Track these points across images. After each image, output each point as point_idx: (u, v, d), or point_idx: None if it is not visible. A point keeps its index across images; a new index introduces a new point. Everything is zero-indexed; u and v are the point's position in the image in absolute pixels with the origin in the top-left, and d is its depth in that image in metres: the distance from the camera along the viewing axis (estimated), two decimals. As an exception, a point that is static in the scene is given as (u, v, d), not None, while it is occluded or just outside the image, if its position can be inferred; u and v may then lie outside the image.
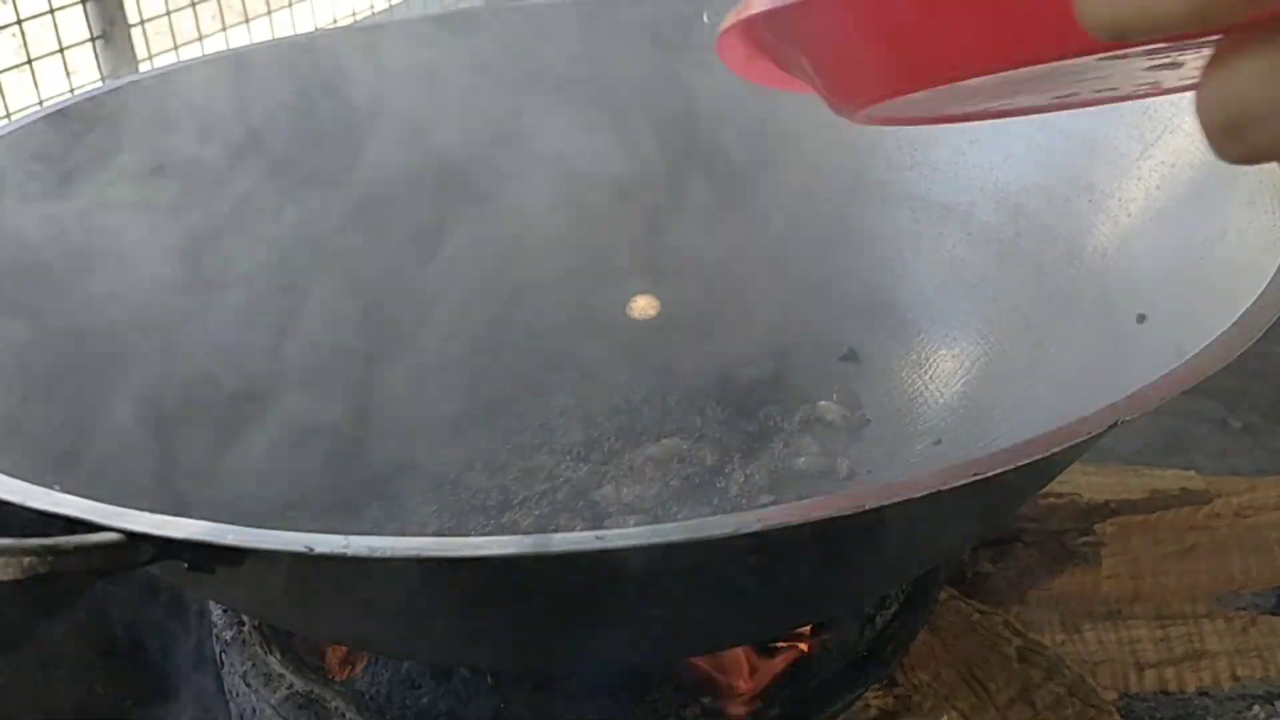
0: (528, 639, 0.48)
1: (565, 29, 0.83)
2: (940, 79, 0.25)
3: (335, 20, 1.37)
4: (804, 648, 0.60)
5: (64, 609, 0.76)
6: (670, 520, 0.67)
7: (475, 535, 0.66)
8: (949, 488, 0.36)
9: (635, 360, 0.80)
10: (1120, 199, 0.64)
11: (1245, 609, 0.78)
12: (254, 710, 0.61)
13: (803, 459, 0.72)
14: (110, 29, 1.06)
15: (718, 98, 0.77)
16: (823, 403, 0.75)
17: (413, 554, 0.36)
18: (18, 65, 1.00)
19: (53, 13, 1.02)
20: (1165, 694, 0.73)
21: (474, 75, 0.80)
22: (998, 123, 0.51)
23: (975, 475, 0.37)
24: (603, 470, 0.72)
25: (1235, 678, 0.73)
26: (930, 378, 0.73)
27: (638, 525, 0.64)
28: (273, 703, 0.60)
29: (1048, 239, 0.68)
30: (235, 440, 0.67)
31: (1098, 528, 0.79)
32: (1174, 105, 0.62)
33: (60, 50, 1.03)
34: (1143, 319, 0.57)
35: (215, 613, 0.66)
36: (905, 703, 0.62)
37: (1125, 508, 0.80)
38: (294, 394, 0.71)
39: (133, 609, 0.76)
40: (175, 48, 1.15)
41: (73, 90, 0.99)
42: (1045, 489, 0.70)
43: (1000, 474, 0.37)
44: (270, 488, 0.65)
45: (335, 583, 0.43)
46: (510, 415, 0.77)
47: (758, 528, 0.35)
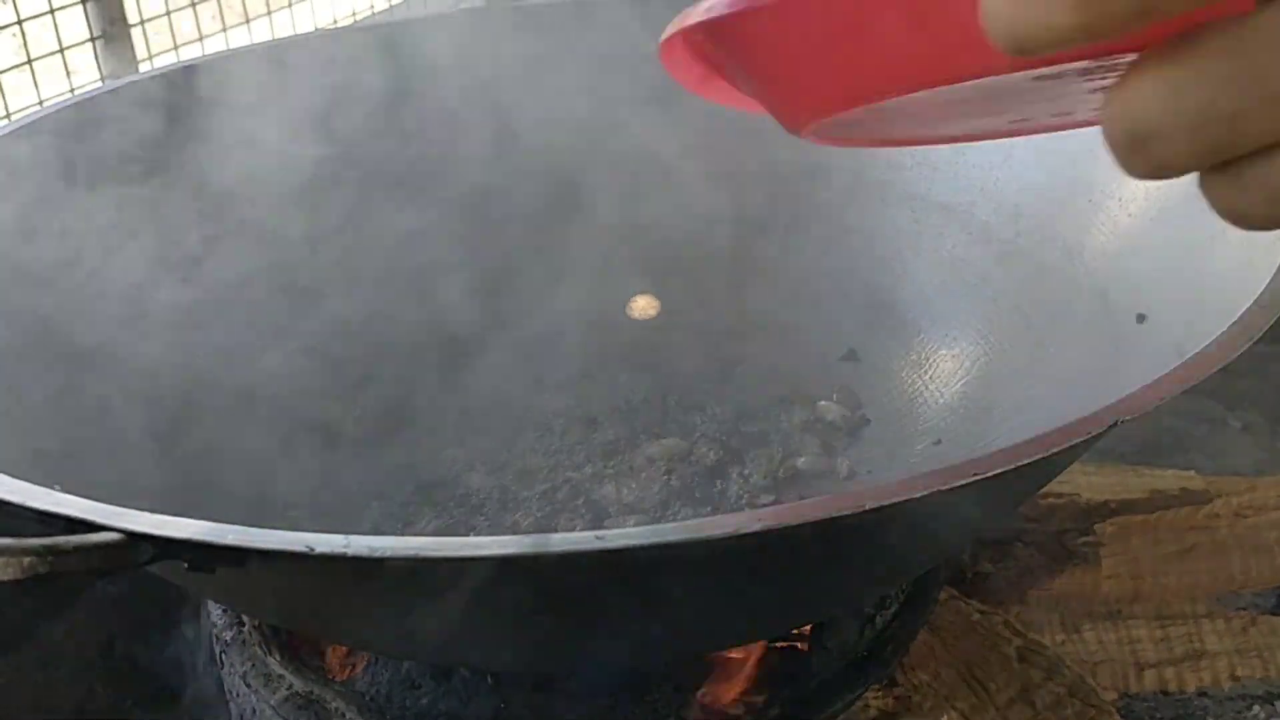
0: (528, 639, 0.48)
1: (562, 24, 0.83)
2: (873, 95, 0.26)
3: (335, 20, 1.36)
4: (804, 648, 0.60)
5: (64, 609, 0.76)
6: (670, 520, 0.67)
7: (475, 535, 0.66)
8: (949, 488, 0.36)
9: (635, 360, 0.80)
10: (1120, 199, 0.64)
11: (1245, 609, 0.78)
12: (254, 710, 0.61)
13: (803, 459, 0.72)
14: (110, 29, 1.06)
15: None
16: (823, 403, 0.75)
17: (413, 554, 0.36)
18: (18, 65, 1.00)
19: (53, 13, 1.02)
20: (1165, 694, 0.73)
21: (473, 75, 0.80)
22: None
23: (975, 475, 0.37)
24: (603, 470, 0.72)
25: (1235, 678, 0.73)
26: (930, 378, 0.73)
27: (638, 525, 0.65)
28: (273, 703, 0.60)
29: (1048, 239, 0.68)
30: (235, 440, 0.67)
31: (1098, 528, 0.79)
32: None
33: (60, 50, 1.03)
34: (1143, 319, 0.57)
35: (215, 613, 0.66)
36: (905, 703, 0.62)
37: (1125, 508, 0.80)
38: (294, 394, 0.71)
39: (133, 609, 0.76)
40: (175, 48, 1.15)
41: (73, 90, 0.99)
42: (1045, 489, 0.69)
43: (1000, 474, 0.37)
44: (270, 488, 0.65)
45: (335, 583, 0.43)
46: (510, 415, 0.77)
47: (758, 528, 0.35)
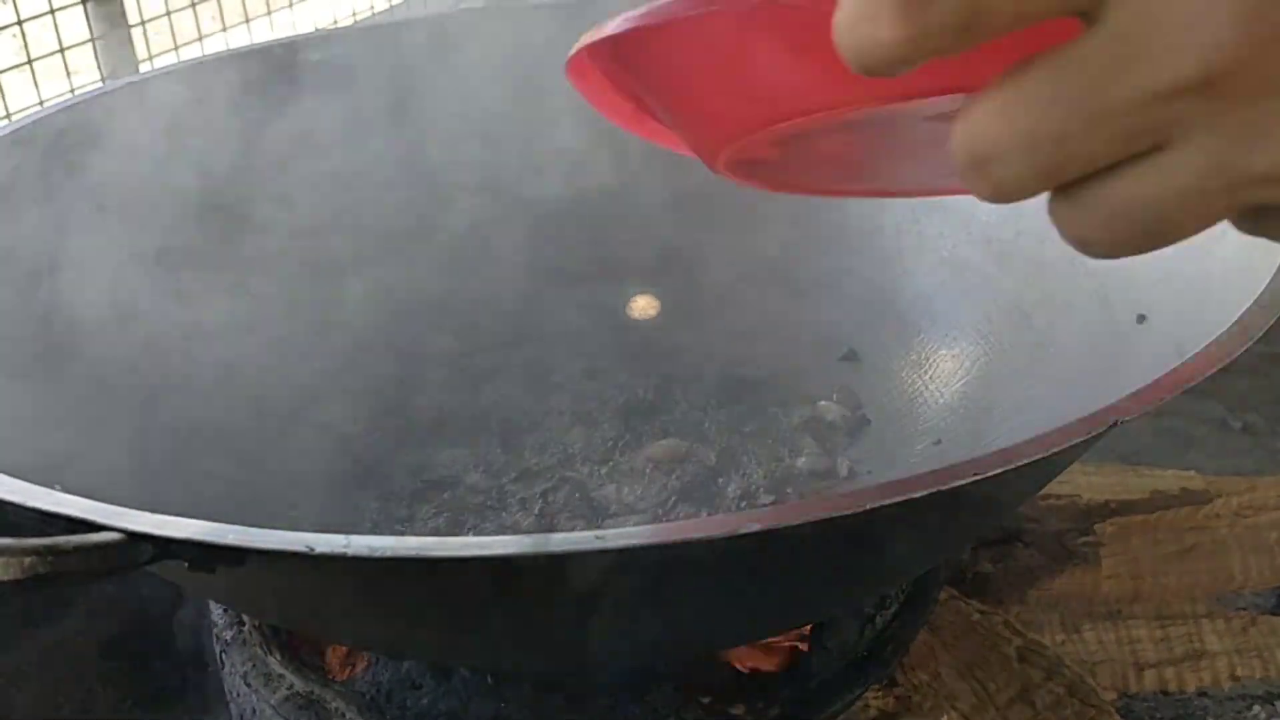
0: (528, 639, 0.48)
1: (562, 24, 0.83)
2: (765, 120, 0.26)
3: (336, 20, 1.37)
4: (804, 648, 0.60)
5: (64, 609, 0.76)
6: (670, 520, 0.67)
7: (475, 535, 0.66)
8: (949, 488, 0.36)
9: (635, 360, 0.80)
10: (1120, 199, 0.64)
11: (1245, 609, 0.78)
12: (254, 710, 0.61)
13: (803, 459, 0.72)
14: (110, 29, 1.06)
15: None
16: (823, 403, 0.75)
17: (413, 554, 0.36)
18: (18, 65, 1.00)
19: (53, 13, 1.02)
20: (1165, 694, 0.73)
21: (469, 75, 0.80)
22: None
23: (975, 475, 0.37)
24: (603, 470, 0.72)
25: (1235, 678, 0.73)
26: (930, 378, 0.73)
27: (638, 525, 0.65)
28: (273, 703, 0.60)
29: (1048, 239, 0.68)
30: (236, 440, 0.67)
31: (1098, 528, 0.79)
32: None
33: (60, 50, 1.03)
34: (1143, 319, 0.57)
35: (215, 613, 0.66)
36: (905, 703, 0.62)
37: (1125, 508, 0.80)
38: (294, 395, 0.71)
39: (133, 609, 0.76)
40: (175, 48, 1.15)
41: (73, 90, 0.99)
42: (1045, 489, 0.69)
43: (1000, 474, 0.37)
44: (270, 488, 0.65)
45: (335, 583, 0.43)
46: (510, 415, 0.77)
47: (758, 528, 0.35)
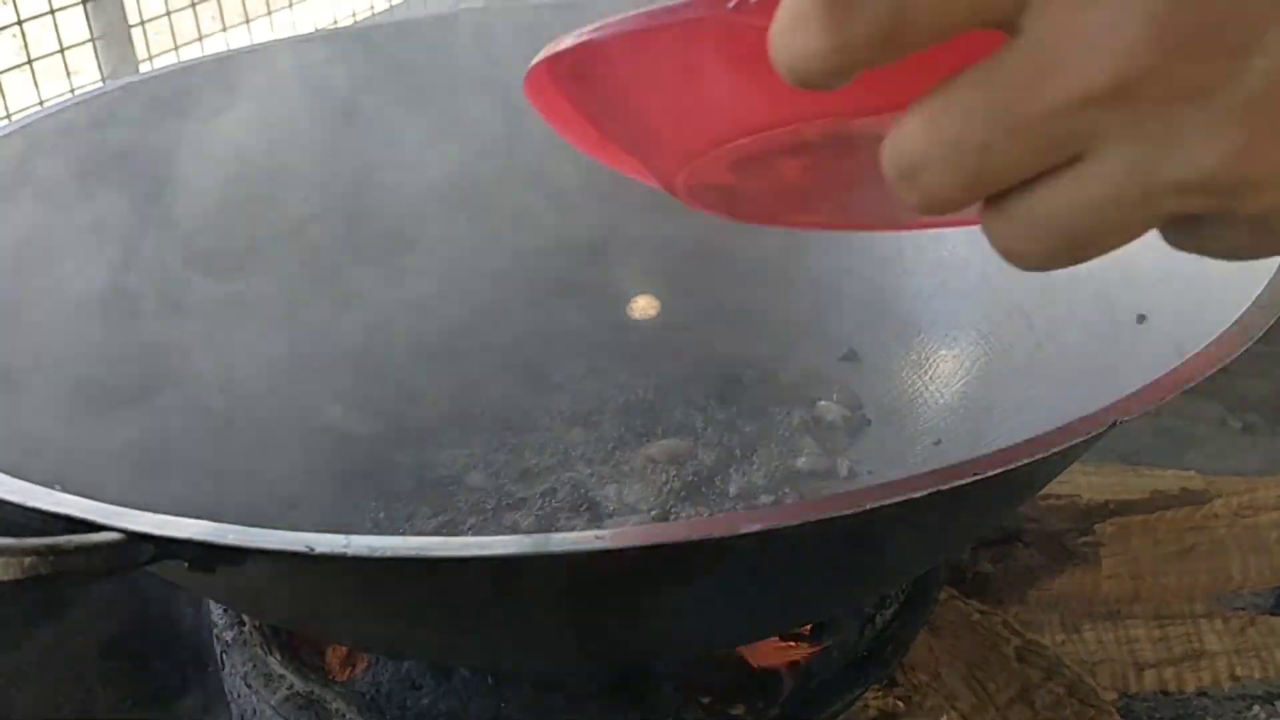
0: (528, 639, 0.48)
1: (562, 24, 0.82)
2: (716, 138, 0.27)
3: (335, 21, 1.37)
4: (804, 648, 0.60)
5: (64, 609, 0.76)
6: (670, 520, 0.67)
7: (475, 535, 0.66)
8: (949, 488, 0.36)
9: (635, 360, 0.80)
10: (1120, 199, 0.64)
11: (1244, 609, 0.78)
12: (254, 711, 0.61)
13: (803, 459, 0.72)
14: (110, 30, 1.07)
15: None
16: (823, 403, 0.75)
17: (413, 554, 0.36)
18: (18, 65, 1.00)
19: (53, 13, 1.02)
20: (1165, 694, 0.73)
21: (468, 76, 0.80)
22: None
23: (975, 475, 0.37)
24: (603, 470, 0.72)
25: (1234, 678, 0.73)
26: (930, 378, 0.73)
27: (638, 525, 0.65)
28: (273, 703, 0.60)
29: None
30: (236, 440, 0.67)
31: (1098, 528, 0.79)
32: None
33: (61, 50, 1.03)
34: (1143, 319, 0.57)
35: (215, 613, 0.66)
36: (905, 703, 0.62)
37: (1125, 508, 0.80)
38: (294, 394, 0.71)
39: (133, 609, 0.76)
40: (175, 48, 1.15)
41: (73, 90, 0.99)
42: (1045, 489, 0.69)
43: (1000, 474, 0.37)
44: (270, 488, 0.65)
45: (335, 583, 0.43)
46: (510, 415, 0.77)
47: (758, 528, 0.35)
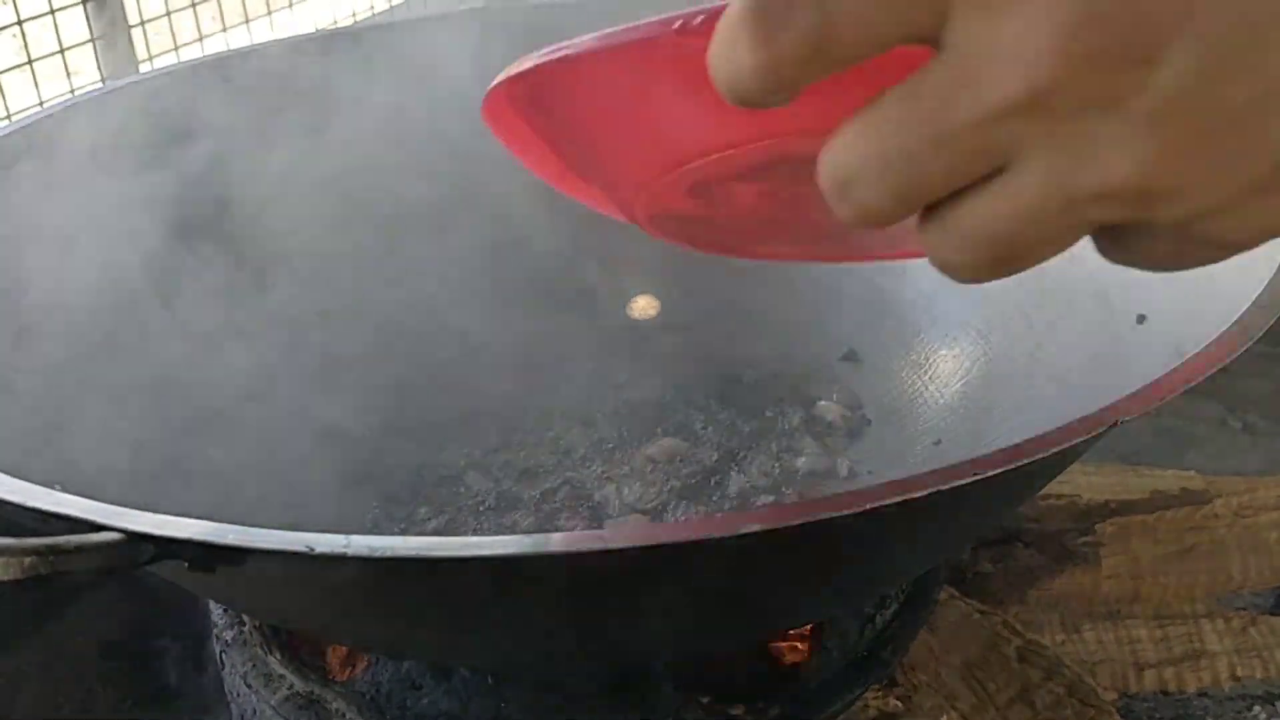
0: (528, 639, 0.48)
1: (563, 25, 0.82)
2: (668, 161, 0.27)
3: (335, 21, 1.37)
4: (804, 648, 0.60)
5: (64, 609, 0.76)
6: (670, 520, 0.67)
7: (475, 535, 0.66)
8: (949, 488, 0.36)
9: (635, 360, 0.80)
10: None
11: (1244, 609, 0.78)
12: (254, 711, 0.61)
13: (803, 459, 0.72)
14: (110, 30, 1.06)
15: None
16: (823, 403, 0.75)
17: (413, 554, 0.36)
18: (18, 65, 1.00)
19: (53, 13, 1.02)
20: (1165, 694, 0.73)
21: (467, 75, 0.80)
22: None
23: (975, 475, 0.37)
24: (603, 470, 0.72)
25: (1235, 678, 0.73)
26: (930, 378, 0.73)
27: (638, 525, 0.65)
28: (273, 703, 0.60)
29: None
30: (236, 441, 0.67)
31: (1098, 528, 0.79)
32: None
33: (61, 51, 1.03)
34: (1143, 319, 0.57)
35: (215, 613, 0.66)
36: (905, 703, 0.62)
37: (1125, 508, 0.80)
38: (294, 395, 0.71)
39: (133, 609, 0.76)
40: (175, 48, 1.15)
41: (73, 91, 0.99)
42: (1045, 489, 0.69)
43: (1000, 474, 0.37)
44: (270, 488, 0.65)
45: (335, 583, 0.43)
46: (510, 415, 0.77)
47: (758, 528, 0.35)
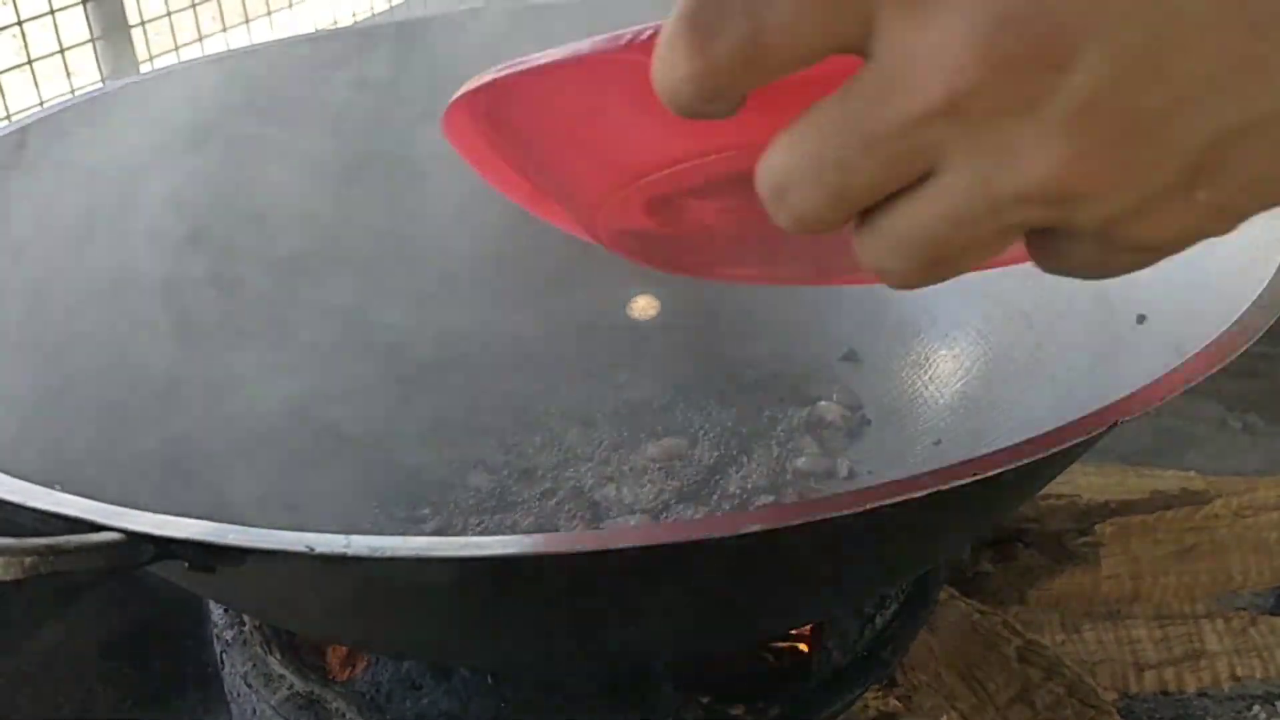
0: (528, 639, 0.48)
1: (563, 25, 0.82)
2: (624, 175, 0.28)
3: (335, 21, 1.37)
4: (804, 648, 0.60)
5: (64, 609, 0.76)
6: (670, 520, 0.67)
7: (475, 535, 0.66)
8: (949, 488, 0.36)
9: (635, 360, 0.80)
10: (1120, 199, 0.64)
11: (1245, 609, 0.78)
12: (254, 711, 0.61)
13: (803, 459, 0.72)
14: (110, 30, 1.07)
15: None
16: (823, 403, 0.75)
17: (413, 554, 0.36)
18: (18, 65, 1.00)
19: (53, 13, 1.02)
20: (1165, 694, 0.73)
21: (467, 75, 0.80)
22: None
23: (975, 475, 0.37)
24: (603, 470, 0.72)
25: (1235, 678, 0.73)
26: (930, 378, 0.73)
27: (638, 525, 0.65)
28: (273, 703, 0.60)
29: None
30: (236, 441, 0.67)
31: (1098, 528, 0.79)
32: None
33: (61, 51, 1.03)
34: (1143, 319, 0.57)
35: (215, 613, 0.66)
36: (905, 703, 0.62)
37: (1125, 508, 0.80)
38: (293, 395, 0.71)
39: (133, 609, 0.76)
40: (176, 48, 1.15)
41: (73, 91, 0.99)
42: (1045, 489, 0.69)
43: (1000, 474, 0.37)
44: (270, 488, 0.65)
45: (335, 583, 0.43)
46: (510, 415, 0.77)
47: (758, 528, 0.35)
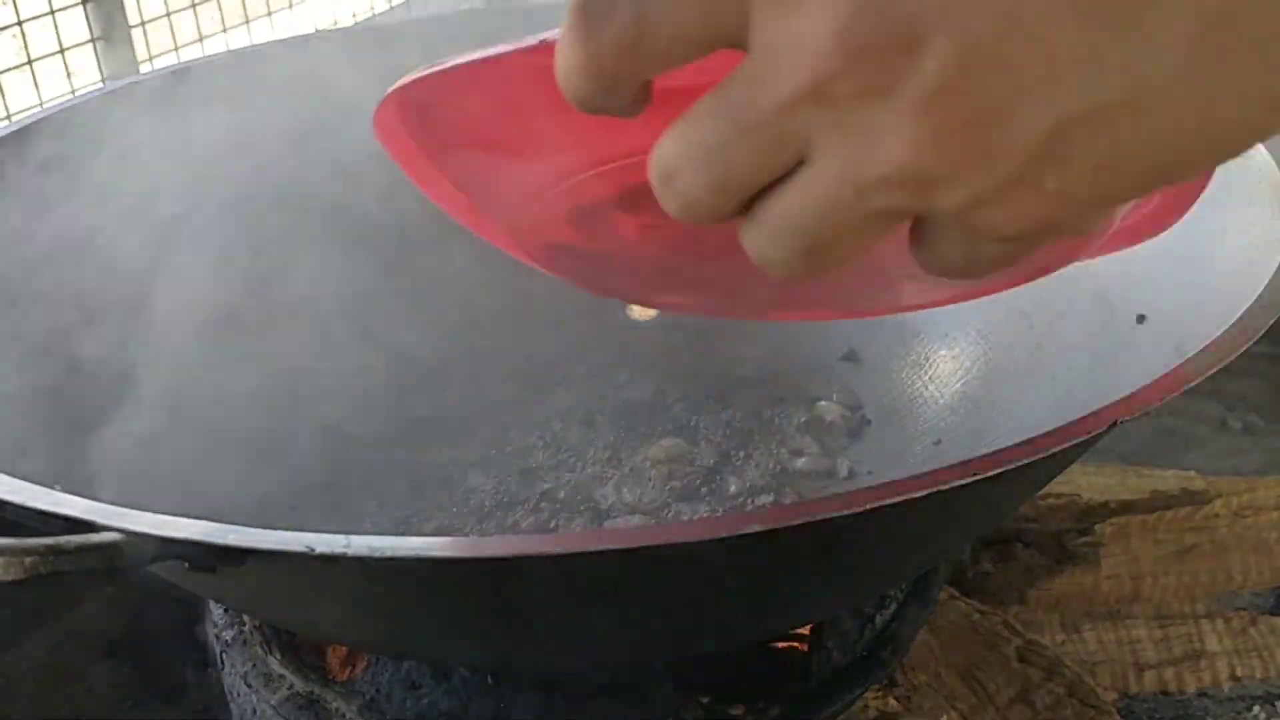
0: (527, 639, 0.48)
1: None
2: (551, 180, 0.29)
3: (336, 21, 1.37)
4: (804, 648, 0.60)
5: (64, 609, 0.76)
6: (670, 520, 0.67)
7: (475, 535, 0.66)
8: (949, 488, 0.36)
9: (635, 360, 0.80)
10: (1120, 199, 0.64)
11: (1245, 609, 0.78)
12: (254, 711, 0.61)
13: (803, 459, 0.71)
14: (110, 30, 1.07)
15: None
16: (823, 403, 0.75)
17: (413, 554, 0.36)
18: (18, 66, 1.00)
19: (53, 14, 1.02)
20: (1165, 694, 0.73)
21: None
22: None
23: (975, 475, 0.37)
24: (603, 470, 0.72)
25: (1235, 678, 0.73)
26: (930, 378, 0.73)
27: (638, 525, 0.65)
28: (273, 703, 0.60)
29: (1047, 239, 0.68)
30: (236, 441, 0.67)
31: (1098, 528, 0.79)
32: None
33: (61, 51, 1.03)
34: (1143, 319, 0.57)
35: (215, 613, 0.66)
36: (905, 703, 0.62)
37: (1125, 508, 0.80)
38: (293, 394, 0.71)
39: (133, 609, 0.76)
40: (176, 49, 1.15)
41: (74, 91, 1.00)
42: (1045, 489, 0.69)
43: (1000, 474, 0.37)
44: (270, 488, 0.65)
45: (335, 583, 0.43)
46: (510, 415, 0.77)
47: (758, 528, 0.35)
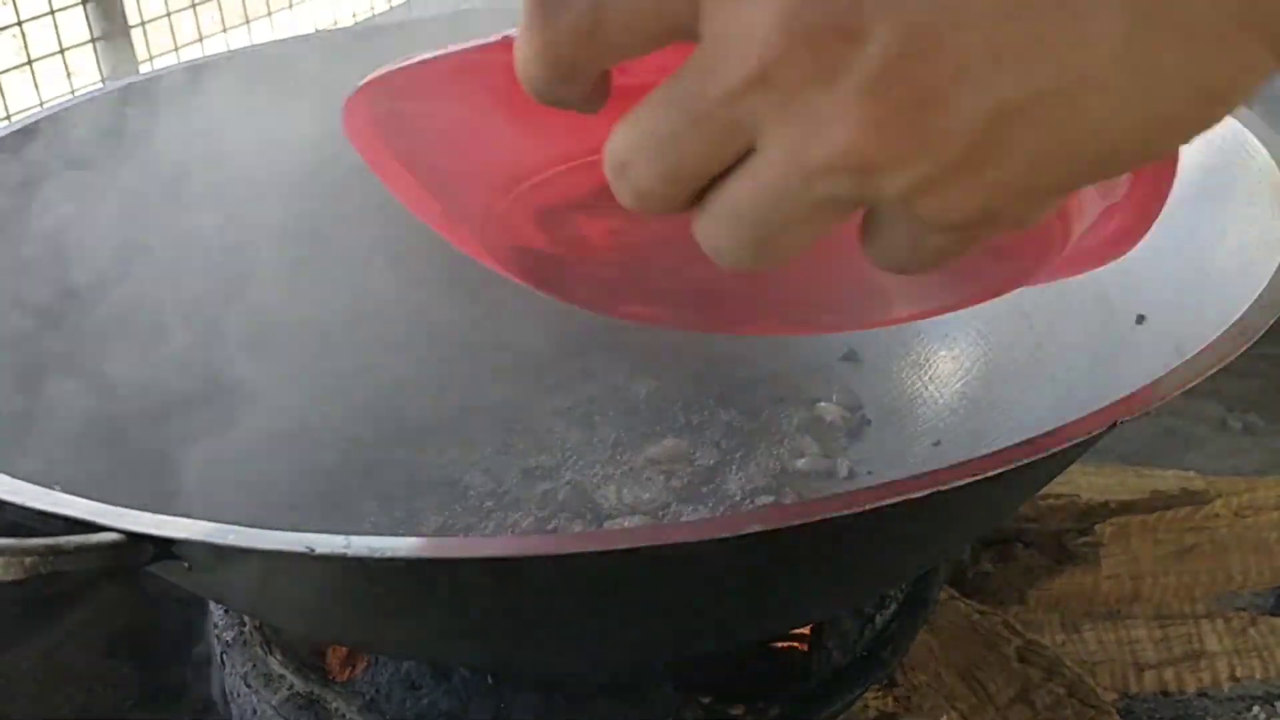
0: (528, 639, 0.48)
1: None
2: (501, 181, 0.30)
3: (336, 21, 1.37)
4: (804, 648, 0.60)
5: (64, 609, 0.76)
6: (670, 521, 0.67)
7: (475, 535, 0.66)
8: (949, 488, 0.36)
9: (635, 360, 0.80)
10: (1120, 199, 0.64)
11: (1244, 609, 0.78)
12: (254, 711, 0.61)
13: (803, 459, 0.71)
14: (111, 30, 1.07)
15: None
16: (823, 403, 0.75)
17: (413, 554, 0.36)
18: (18, 66, 1.00)
19: (53, 14, 1.02)
20: (1165, 695, 0.73)
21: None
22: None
23: (975, 475, 0.37)
24: (603, 471, 0.72)
25: (1235, 678, 0.73)
26: (930, 378, 0.73)
27: (638, 525, 0.65)
28: (273, 704, 0.60)
29: (1047, 239, 0.68)
30: (235, 440, 0.67)
31: (1098, 528, 0.79)
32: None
33: (61, 51, 1.03)
34: (1142, 319, 0.57)
35: (215, 613, 0.66)
36: (905, 703, 0.62)
37: (1125, 508, 0.80)
38: (294, 394, 0.71)
39: (133, 609, 0.76)
40: (176, 49, 1.15)
41: (74, 91, 1.00)
42: (1045, 489, 0.69)
43: (1000, 474, 0.37)
44: (270, 488, 0.65)
45: (335, 583, 0.43)
46: (510, 415, 0.77)
47: (758, 528, 0.35)
